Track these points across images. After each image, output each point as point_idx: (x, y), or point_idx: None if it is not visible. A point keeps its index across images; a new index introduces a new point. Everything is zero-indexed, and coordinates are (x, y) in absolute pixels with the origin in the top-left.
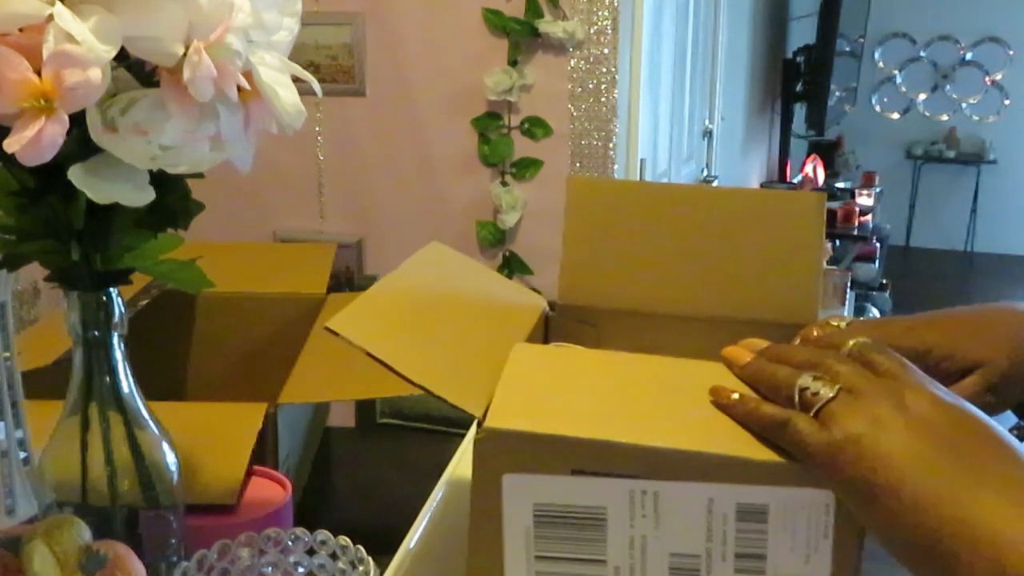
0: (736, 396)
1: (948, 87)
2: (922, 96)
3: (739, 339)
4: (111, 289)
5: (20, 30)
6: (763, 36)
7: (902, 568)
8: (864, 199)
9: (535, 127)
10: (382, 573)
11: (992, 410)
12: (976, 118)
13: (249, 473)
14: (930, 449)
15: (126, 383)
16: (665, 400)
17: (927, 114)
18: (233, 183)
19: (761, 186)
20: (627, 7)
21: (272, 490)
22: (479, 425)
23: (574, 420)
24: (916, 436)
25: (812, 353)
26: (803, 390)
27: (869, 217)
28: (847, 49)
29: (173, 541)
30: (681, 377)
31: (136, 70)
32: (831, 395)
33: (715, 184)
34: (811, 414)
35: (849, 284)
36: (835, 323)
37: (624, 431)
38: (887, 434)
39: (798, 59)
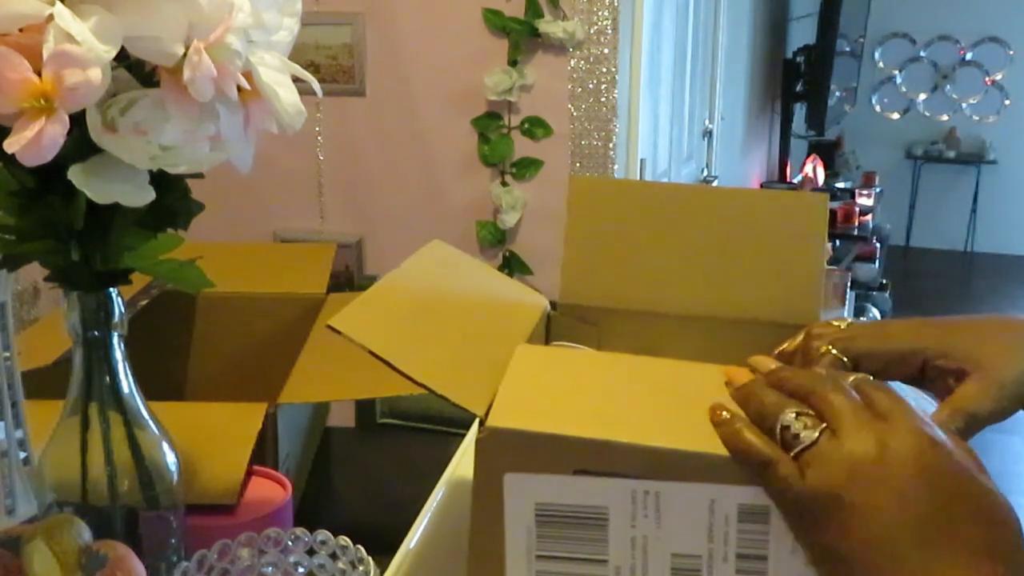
0: (726, 415)
1: (948, 87)
2: (922, 96)
3: (740, 339)
4: (111, 289)
5: (20, 30)
6: (763, 36)
7: None
8: (864, 199)
9: (535, 127)
10: (382, 573)
11: (995, 418)
12: (976, 118)
13: (249, 473)
14: (898, 515)
15: (126, 383)
16: (667, 402)
17: (927, 114)
18: (233, 183)
19: (761, 186)
20: (627, 7)
21: (272, 490)
22: (481, 424)
23: (577, 420)
24: (887, 498)
25: (809, 379)
26: (784, 428)
27: (869, 217)
28: (847, 49)
29: (173, 541)
30: (684, 380)
31: (136, 70)
32: (813, 438)
33: (715, 184)
34: (791, 454)
35: (849, 284)
36: (836, 324)
37: (626, 431)
38: (859, 491)
39: (798, 59)
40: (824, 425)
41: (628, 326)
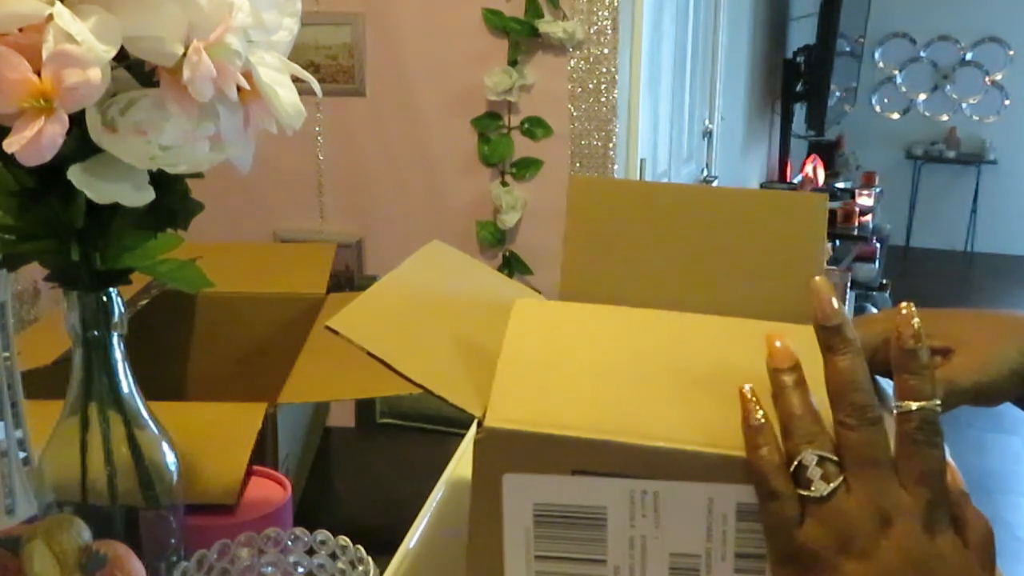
0: (760, 417)
1: (948, 87)
2: (922, 96)
3: None
4: (111, 289)
5: (20, 30)
6: (763, 36)
7: None
8: (864, 199)
9: (535, 127)
10: (382, 573)
11: (978, 395)
12: (976, 118)
13: (249, 473)
14: None
15: (126, 383)
16: (673, 378)
17: (927, 114)
18: (233, 183)
19: (761, 186)
20: (627, 7)
21: (272, 490)
22: (479, 425)
23: (575, 416)
24: None
25: (855, 399)
26: (801, 467)
27: (869, 217)
28: (847, 49)
29: (173, 541)
30: (689, 345)
31: (136, 70)
32: (823, 493)
33: (715, 184)
34: (798, 492)
35: (849, 284)
36: None
37: (626, 428)
38: (845, 562)
39: (798, 59)
40: (840, 480)
41: None
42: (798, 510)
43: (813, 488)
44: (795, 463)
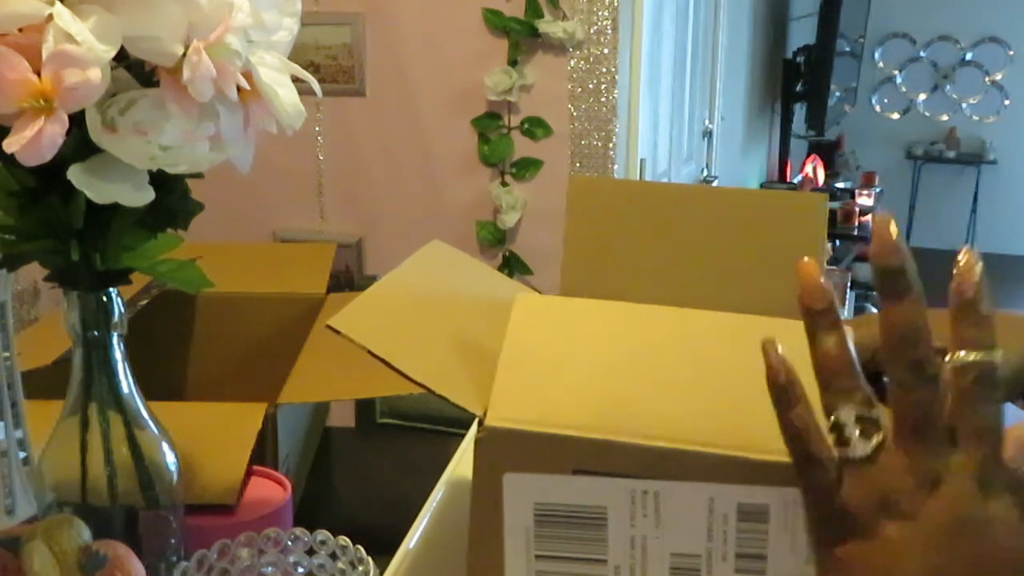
0: (785, 378)
1: (948, 87)
2: (922, 96)
3: None
4: (111, 289)
5: (20, 30)
6: (763, 36)
7: None
8: (864, 199)
9: (535, 127)
10: (382, 573)
11: None
12: (976, 118)
13: (249, 473)
14: (914, 564)
15: (126, 383)
16: (676, 376)
17: (927, 114)
18: (233, 183)
19: (761, 186)
20: (627, 7)
21: (272, 490)
22: (480, 424)
23: (576, 415)
24: (911, 547)
25: (913, 353)
26: (839, 426)
27: (869, 217)
28: (847, 49)
29: (173, 541)
30: (690, 342)
31: (136, 70)
32: (865, 453)
33: (715, 184)
34: (836, 451)
35: (849, 284)
36: None
37: (627, 428)
38: (885, 528)
39: (798, 59)
40: (880, 438)
41: None
42: (837, 472)
43: (852, 448)
44: (832, 420)
